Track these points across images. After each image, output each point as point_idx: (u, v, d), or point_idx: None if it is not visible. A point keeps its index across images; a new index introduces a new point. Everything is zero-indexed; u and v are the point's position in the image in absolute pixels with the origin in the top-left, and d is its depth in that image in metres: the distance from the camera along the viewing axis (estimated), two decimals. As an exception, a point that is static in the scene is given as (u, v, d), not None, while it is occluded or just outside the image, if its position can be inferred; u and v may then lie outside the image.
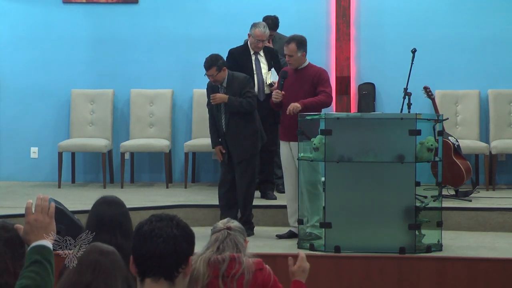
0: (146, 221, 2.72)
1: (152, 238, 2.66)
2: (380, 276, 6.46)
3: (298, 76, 7.30)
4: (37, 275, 2.88)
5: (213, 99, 7.44)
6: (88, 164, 9.78)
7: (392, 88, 9.40)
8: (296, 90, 7.23)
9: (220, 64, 7.43)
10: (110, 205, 4.24)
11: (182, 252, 2.68)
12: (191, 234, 2.73)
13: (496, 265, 6.42)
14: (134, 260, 2.69)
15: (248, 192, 7.44)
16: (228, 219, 4.42)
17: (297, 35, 7.39)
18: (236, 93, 7.41)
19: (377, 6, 9.61)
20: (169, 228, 2.68)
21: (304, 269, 4.20)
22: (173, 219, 2.72)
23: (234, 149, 7.44)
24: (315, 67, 7.37)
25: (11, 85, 9.82)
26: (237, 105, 7.38)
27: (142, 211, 7.64)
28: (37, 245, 2.94)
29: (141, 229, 2.70)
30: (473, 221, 7.73)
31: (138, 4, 9.80)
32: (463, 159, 8.38)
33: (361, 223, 6.70)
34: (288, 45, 7.28)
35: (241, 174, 7.40)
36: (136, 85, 9.72)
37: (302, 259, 4.21)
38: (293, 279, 4.20)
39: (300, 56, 7.27)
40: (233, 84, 7.46)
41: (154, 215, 2.74)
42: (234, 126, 7.44)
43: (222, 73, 7.44)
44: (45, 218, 2.99)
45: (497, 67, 9.55)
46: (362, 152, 6.75)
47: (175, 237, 2.67)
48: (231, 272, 4.20)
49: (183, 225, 2.72)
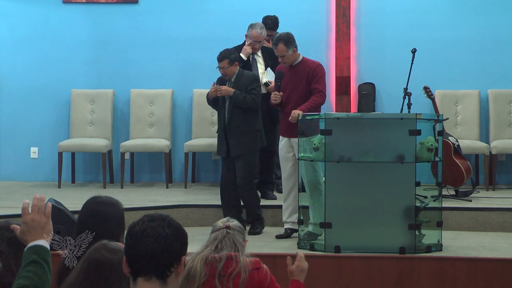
0: (139, 221, 2.74)
1: (144, 237, 2.67)
2: (380, 276, 6.45)
3: (294, 72, 7.29)
4: (35, 275, 2.89)
5: (219, 90, 7.45)
6: (88, 164, 9.78)
7: (392, 88, 9.40)
8: (294, 86, 7.25)
9: (232, 58, 7.48)
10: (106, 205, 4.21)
11: (174, 251, 2.69)
12: (183, 234, 2.73)
13: (496, 265, 6.42)
14: (127, 260, 2.70)
15: (249, 191, 7.43)
16: (228, 218, 4.42)
17: (282, 34, 7.36)
18: (242, 89, 7.45)
19: (377, 6, 9.61)
20: (161, 228, 2.69)
21: (303, 268, 4.21)
22: (165, 219, 2.73)
23: (233, 143, 7.45)
24: (310, 62, 7.34)
25: (11, 85, 9.82)
26: (241, 100, 7.40)
27: (142, 211, 7.64)
28: (34, 245, 2.95)
29: (133, 229, 2.71)
30: (473, 221, 7.73)
31: (138, 4, 9.80)
32: (463, 159, 8.38)
33: (361, 223, 6.70)
34: (277, 46, 7.26)
35: (241, 174, 7.40)
36: (136, 85, 9.72)
37: (300, 258, 4.21)
38: (292, 278, 4.20)
39: (292, 53, 7.25)
40: (240, 80, 7.51)
41: (147, 215, 2.76)
42: (235, 121, 7.46)
43: (233, 67, 7.48)
44: (42, 218, 2.99)
45: (497, 67, 9.55)
46: (362, 152, 6.74)
47: (167, 236, 2.68)
48: (227, 271, 4.20)
49: (175, 225, 2.73)
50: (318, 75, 7.26)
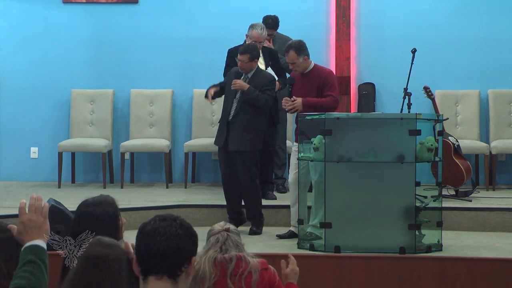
0: (150, 221, 2.76)
1: (155, 236, 2.69)
2: (380, 276, 6.45)
3: (306, 80, 7.30)
4: (31, 275, 2.88)
5: (234, 84, 7.44)
6: (88, 164, 9.78)
7: (392, 88, 9.40)
8: (306, 93, 7.24)
9: (254, 54, 7.50)
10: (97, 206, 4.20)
11: (185, 251, 2.70)
12: (194, 234, 2.76)
13: (496, 265, 6.42)
14: (138, 259, 2.72)
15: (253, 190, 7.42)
16: (224, 222, 4.44)
17: (294, 42, 7.37)
18: (257, 87, 7.44)
19: (377, 6, 9.61)
20: (173, 228, 2.71)
21: (296, 272, 4.29)
22: (176, 219, 2.75)
23: (232, 137, 7.41)
24: (321, 69, 7.36)
25: (11, 85, 9.82)
26: (254, 97, 7.40)
27: (142, 211, 7.65)
28: (31, 245, 2.94)
29: (145, 228, 2.73)
30: (473, 221, 7.73)
31: (138, 4, 9.80)
32: (463, 159, 8.38)
33: (361, 223, 6.70)
34: (288, 54, 7.26)
35: (243, 171, 7.37)
36: (136, 85, 9.72)
37: (293, 262, 4.28)
38: (286, 281, 4.25)
39: (303, 61, 7.25)
40: (258, 78, 7.50)
41: (158, 215, 2.78)
42: (241, 116, 7.43)
43: (252, 63, 7.48)
44: (39, 218, 2.98)
45: (497, 67, 9.55)
46: (362, 152, 6.74)
47: (179, 236, 2.70)
48: (238, 271, 4.21)
49: (186, 225, 2.75)
50: (330, 82, 7.25)
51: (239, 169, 7.40)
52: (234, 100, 7.49)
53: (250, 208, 7.47)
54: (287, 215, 7.57)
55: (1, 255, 3.31)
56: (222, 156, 7.57)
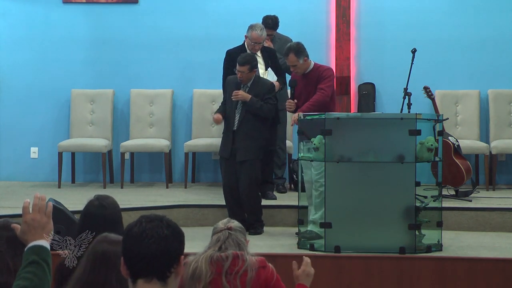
0: (136, 222, 2.72)
1: (143, 239, 2.66)
2: (380, 276, 6.45)
3: (307, 80, 7.41)
4: (34, 276, 2.86)
5: (235, 95, 7.45)
6: (88, 164, 9.78)
7: (392, 88, 9.40)
8: (307, 93, 7.35)
9: (253, 65, 7.52)
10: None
11: (174, 251, 2.68)
12: (181, 234, 2.73)
13: (496, 265, 6.42)
14: (125, 261, 2.68)
15: (254, 198, 7.41)
16: (228, 219, 4.42)
17: (292, 44, 7.45)
18: (258, 96, 7.47)
19: (377, 6, 9.61)
20: (160, 229, 2.68)
21: (309, 273, 4.22)
22: (162, 219, 2.72)
23: (239, 147, 7.42)
24: (320, 68, 7.46)
25: (11, 85, 9.82)
26: (257, 107, 7.42)
27: (142, 211, 7.63)
28: (34, 245, 2.91)
29: (132, 231, 2.69)
30: (473, 221, 7.73)
31: (138, 4, 9.80)
32: (463, 159, 8.38)
33: (361, 223, 6.70)
34: (287, 57, 7.37)
35: (243, 176, 7.37)
36: (136, 85, 9.72)
37: (306, 263, 4.23)
38: (297, 283, 4.21)
39: (303, 62, 7.34)
40: (257, 86, 7.52)
41: (144, 216, 2.74)
42: (246, 125, 7.45)
43: (251, 73, 7.51)
44: (43, 218, 2.95)
45: (497, 67, 9.55)
46: (362, 152, 6.74)
47: (166, 237, 2.67)
48: (234, 269, 4.19)
49: (173, 225, 2.72)
50: (324, 76, 7.34)
51: (242, 177, 7.38)
52: (236, 111, 7.50)
53: (251, 215, 7.46)
54: (287, 215, 7.57)
55: (9, 252, 3.32)
56: (225, 167, 7.56)
